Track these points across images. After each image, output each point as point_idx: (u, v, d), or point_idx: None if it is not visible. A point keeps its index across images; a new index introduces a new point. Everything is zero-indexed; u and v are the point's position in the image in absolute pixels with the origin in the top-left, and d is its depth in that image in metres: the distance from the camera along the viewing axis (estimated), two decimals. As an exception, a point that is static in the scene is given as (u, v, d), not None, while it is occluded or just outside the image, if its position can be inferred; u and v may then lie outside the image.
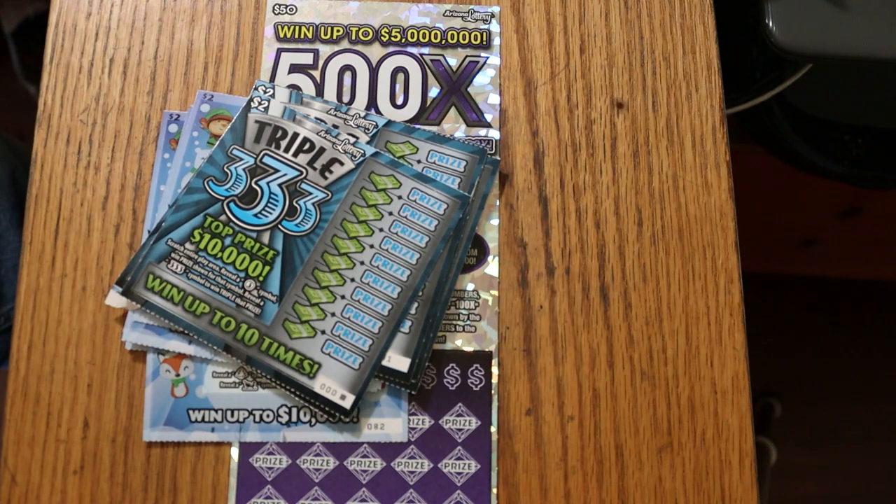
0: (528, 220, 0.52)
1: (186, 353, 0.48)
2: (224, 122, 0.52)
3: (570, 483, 0.48)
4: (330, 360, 0.47)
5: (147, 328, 0.48)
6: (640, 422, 0.49)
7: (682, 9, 0.55)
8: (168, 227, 0.49)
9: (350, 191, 0.50)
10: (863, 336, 1.37)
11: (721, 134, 0.53)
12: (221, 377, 0.49)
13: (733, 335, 0.50)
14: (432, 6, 0.55)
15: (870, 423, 1.33)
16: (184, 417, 0.48)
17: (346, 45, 0.54)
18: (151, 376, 0.48)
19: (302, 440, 0.48)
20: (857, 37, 0.60)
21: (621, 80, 0.54)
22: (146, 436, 0.48)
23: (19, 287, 0.49)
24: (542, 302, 0.50)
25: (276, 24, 0.54)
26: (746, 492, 0.48)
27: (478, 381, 0.49)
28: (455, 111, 0.53)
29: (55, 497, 0.47)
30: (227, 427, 0.48)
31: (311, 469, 0.48)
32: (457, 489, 0.48)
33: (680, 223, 0.52)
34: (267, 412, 0.48)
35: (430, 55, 0.54)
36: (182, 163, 0.51)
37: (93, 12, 0.54)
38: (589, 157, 0.53)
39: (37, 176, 0.51)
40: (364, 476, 0.48)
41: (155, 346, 0.48)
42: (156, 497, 0.47)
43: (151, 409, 0.48)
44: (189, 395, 0.48)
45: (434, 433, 0.49)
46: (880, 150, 0.86)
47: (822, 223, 1.09)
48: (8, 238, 0.72)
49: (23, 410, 0.48)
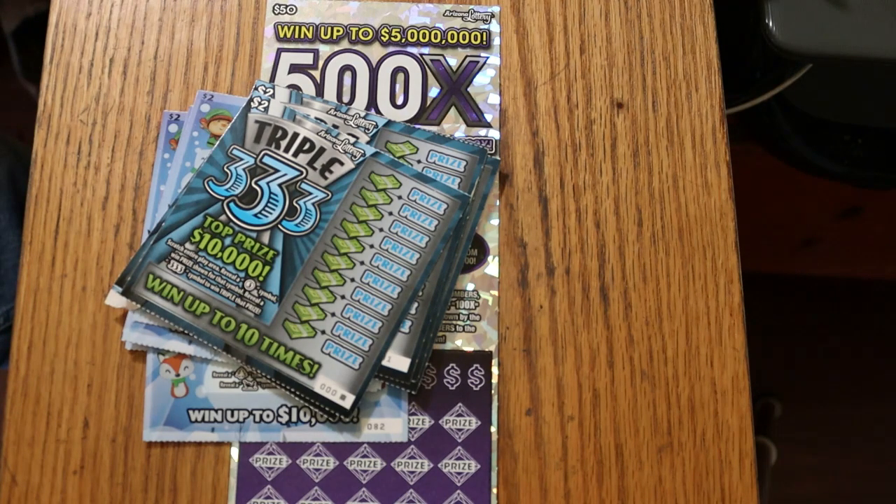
0: (528, 220, 0.52)
1: (186, 353, 0.48)
2: (224, 122, 0.52)
3: (570, 483, 0.48)
4: (330, 360, 0.47)
5: (147, 328, 0.48)
6: (640, 422, 0.49)
7: (682, 9, 0.55)
8: (168, 227, 0.49)
9: (350, 191, 0.50)
10: (863, 336, 1.37)
11: (721, 134, 0.53)
12: (221, 377, 0.49)
13: (733, 335, 0.50)
14: (432, 6, 0.55)
15: (870, 423, 1.33)
16: (184, 417, 0.48)
17: (346, 45, 0.54)
18: (151, 376, 0.48)
19: (302, 440, 0.48)
20: (857, 37, 0.60)
21: (621, 80, 0.54)
22: (146, 436, 0.48)
23: (19, 287, 0.49)
24: (542, 302, 0.50)
25: (276, 24, 0.54)
26: (746, 492, 0.48)
27: (478, 381, 0.49)
28: (455, 111, 0.53)
29: (55, 497, 0.47)
30: (227, 427, 0.48)
31: (311, 469, 0.48)
32: (457, 489, 0.48)
33: (680, 223, 0.52)
34: (267, 412, 0.48)
35: (430, 55, 0.54)
36: (182, 163, 0.51)
37: (93, 12, 0.54)
38: (589, 157, 0.53)
39: (37, 176, 0.51)
40: (364, 476, 0.48)
41: (155, 346, 0.48)
42: (156, 497, 0.47)
43: (151, 409, 0.48)
44: (189, 395, 0.48)
45: (434, 433, 0.49)
46: (880, 150, 0.86)
47: (822, 223, 1.09)
48: (8, 238, 0.72)
49: (23, 410, 0.48)
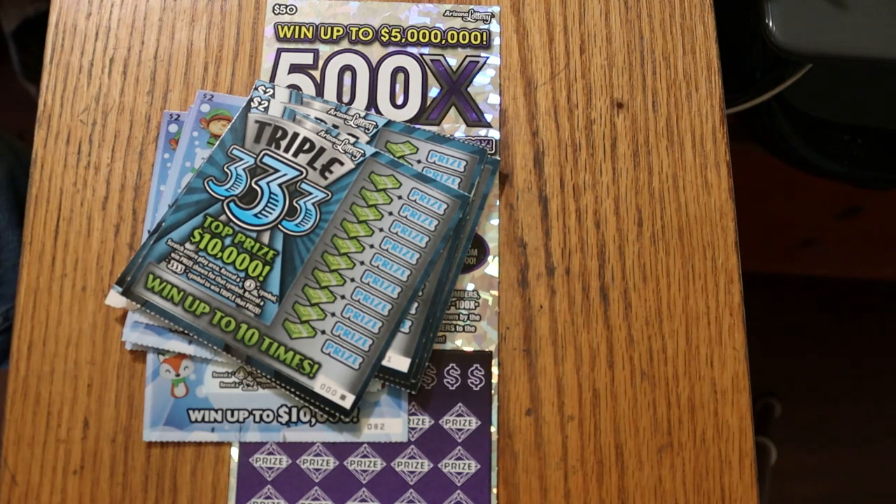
0: (528, 220, 0.52)
1: (186, 353, 0.48)
2: (224, 122, 0.52)
3: (570, 483, 0.48)
4: (330, 360, 0.47)
5: (147, 328, 0.48)
6: (640, 422, 0.49)
7: (682, 9, 0.55)
8: (168, 227, 0.49)
9: (350, 191, 0.50)
10: (863, 336, 1.37)
11: (721, 134, 0.53)
12: (221, 377, 0.48)
13: (733, 335, 0.50)
14: (432, 6, 0.55)
15: (869, 423, 1.33)
16: (184, 417, 0.48)
17: (346, 45, 0.54)
18: (151, 376, 0.48)
19: (302, 440, 0.48)
20: (857, 37, 0.60)
21: (621, 80, 0.54)
22: (146, 436, 0.48)
23: (19, 287, 0.49)
24: (542, 302, 0.50)
25: (276, 24, 0.54)
26: (746, 492, 0.48)
27: (478, 381, 0.49)
28: (455, 111, 0.53)
29: (55, 497, 0.47)
30: (227, 427, 0.48)
31: (311, 469, 0.48)
32: (457, 489, 0.48)
33: (680, 223, 0.52)
34: (267, 412, 0.48)
35: (430, 55, 0.54)
36: (182, 163, 0.51)
37: (93, 12, 0.54)
38: (589, 157, 0.53)
39: (37, 176, 0.51)
40: (364, 476, 0.48)
41: (155, 346, 0.48)
42: (156, 497, 0.47)
43: (151, 409, 0.48)
44: (189, 395, 0.48)
45: (434, 433, 0.49)
46: (880, 150, 0.86)
47: (822, 223, 1.09)
48: (8, 238, 0.72)
49: (23, 410, 0.48)
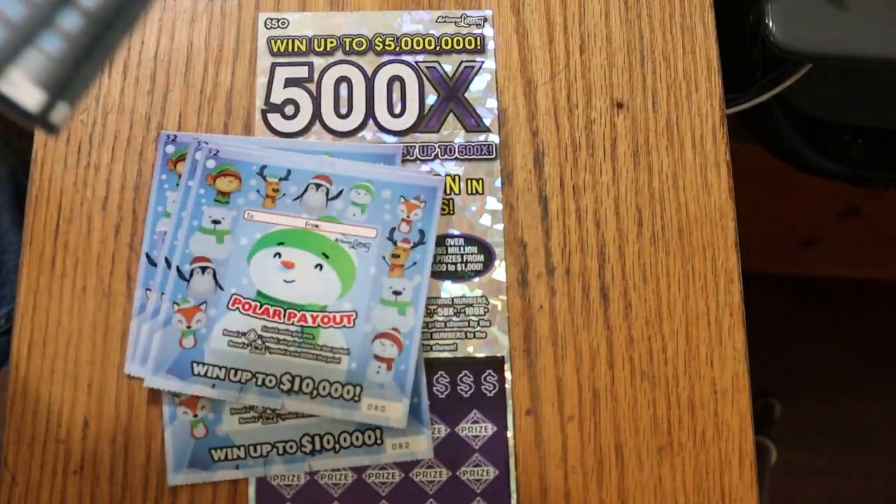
0: (528, 220, 0.52)
1: (207, 395, 0.47)
2: (231, 178, 0.51)
3: (570, 483, 0.48)
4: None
5: (169, 373, 0.47)
6: (640, 422, 0.49)
7: (682, 9, 0.55)
8: None
9: None
10: (862, 336, 1.37)
11: (721, 134, 0.53)
12: (240, 413, 0.48)
13: (733, 335, 0.50)
14: (424, 13, 0.55)
15: (870, 423, 1.33)
16: (207, 458, 0.47)
17: (341, 56, 0.54)
18: (169, 420, 0.47)
19: (328, 468, 0.47)
20: (857, 37, 0.60)
21: (621, 80, 0.54)
22: (171, 480, 0.47)
23: (19, 287, 0.49)
24: (542, 302, 0.50)
25: (269, 38, 0.54)
26: (746, 492, 0.48)
27: (491, 387, 0.49)
28: (453, 117, 0.53)
29: (55, 497, 0.47)
30: (252, 462, 0.47)
31: (330, 484, 0.47)
32: (477, 496, 0.48)
33: (680, 223, 0.52)
34: (290, 443, 0.47)
35: (426, 62, 0.54)
36: (190, 222, 0.50)
37: (93, 12, 0.54)
38: (589, 157, 0.53)
39: (37, 176, 0.51)
40: (383, 488, 0.48)
41: (178, 390, 0.47)
42: (156, 497, 0.47)
43: (172, 452, 0.47)
44: (210, 435, 0.47)
45: (451, 441, 0.48)
46: (880, 150, 0.86)
47: (822, 223, 1.09)
48: (9, 239, 0.72)
49: (23, 410, 0.48)
